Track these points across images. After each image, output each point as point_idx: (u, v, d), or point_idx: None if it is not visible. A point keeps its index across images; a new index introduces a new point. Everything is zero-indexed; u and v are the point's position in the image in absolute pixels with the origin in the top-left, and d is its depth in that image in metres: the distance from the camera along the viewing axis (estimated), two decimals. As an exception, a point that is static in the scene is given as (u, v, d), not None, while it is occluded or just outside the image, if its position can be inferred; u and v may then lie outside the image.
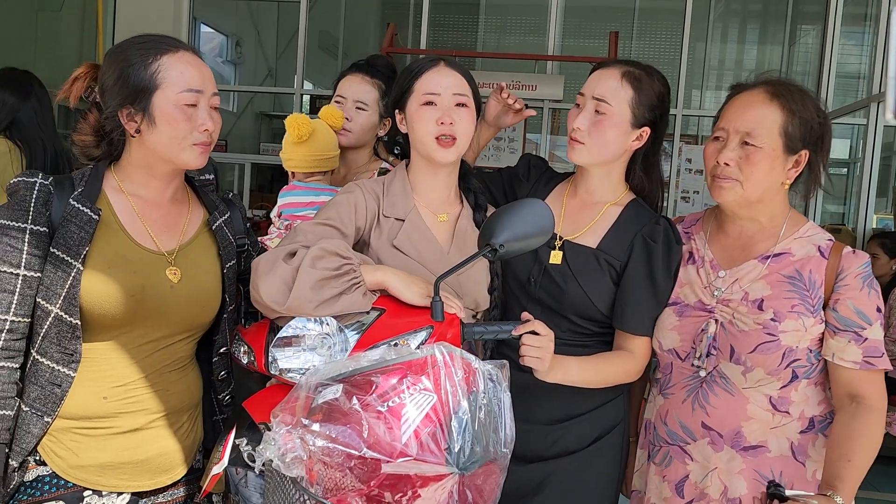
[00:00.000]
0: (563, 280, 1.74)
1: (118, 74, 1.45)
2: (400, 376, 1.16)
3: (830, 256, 1.60)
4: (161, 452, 1.52)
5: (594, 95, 1.72)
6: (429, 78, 1.65)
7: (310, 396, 1.16)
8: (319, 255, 1.44)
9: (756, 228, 1.68)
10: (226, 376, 1.66)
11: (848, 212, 8.64)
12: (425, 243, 1.65)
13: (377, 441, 1.09)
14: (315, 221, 1.62)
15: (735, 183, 1.60)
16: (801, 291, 1.58)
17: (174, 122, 1.45)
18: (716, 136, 1.64)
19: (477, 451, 1.15)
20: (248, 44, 9.28)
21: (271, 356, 1.46)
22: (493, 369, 1.25)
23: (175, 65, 1.46)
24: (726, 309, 1.63)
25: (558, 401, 1.74)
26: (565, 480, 1.75)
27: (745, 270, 1.65)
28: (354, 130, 2.21)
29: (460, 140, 1.64)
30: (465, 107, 1.65)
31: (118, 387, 1.47)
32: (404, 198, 1.69)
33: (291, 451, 1.10)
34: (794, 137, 1.58)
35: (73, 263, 1.40)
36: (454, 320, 1.49)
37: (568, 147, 1.76)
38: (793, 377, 1.59)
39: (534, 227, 1.50)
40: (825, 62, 6.15)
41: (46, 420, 1.43)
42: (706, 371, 1.64)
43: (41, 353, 1.43)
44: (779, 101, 1.59)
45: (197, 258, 1.57)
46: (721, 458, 1.62)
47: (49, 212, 1.41)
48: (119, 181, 1.53)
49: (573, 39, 7.99)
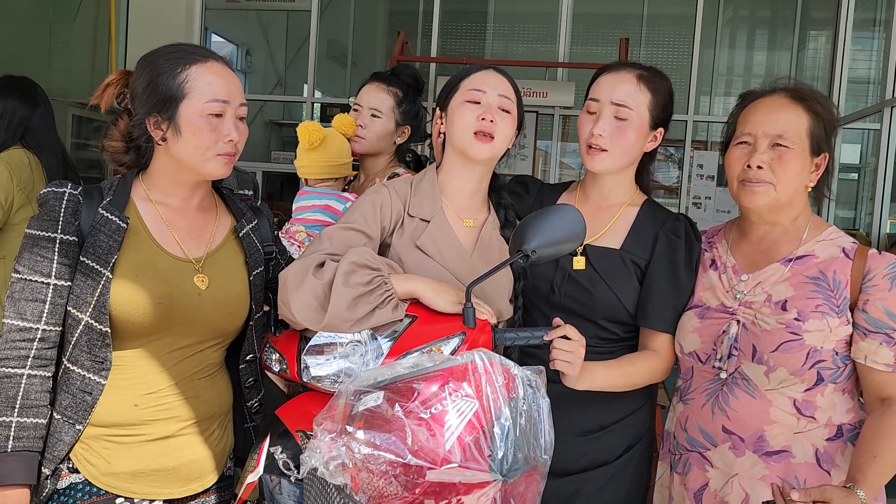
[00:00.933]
0: (591, 284, 1.73)
1: (147, 82, 1.46)
2: (441, 383, 1.15)
3: (855, 258, 1.59)
4: (192, 459, 1.52)
5: (613, 101, 1.71)
6: (477, 77, 1.66)
7: (350, 403, 1.16)
8: (350, 271, 1.44)
9: (779, 232, 1.67)
10: (254, 383, 1.66)
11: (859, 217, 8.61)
12: (449, 246, 1.65)
13: (421, 448, 1.09)
14: (340, 226, 1.62)
15: (768, 186, 1.60)
16: (825, 291, 1.57)
17: (199, 133, 1.46)
18: (741, 142, 1.64)
19: (519, 457, 1.14)
20: (259, 53, 9.31)
21: (303, 364, 1.46)
22: (531, 375, 1.24)
23: (203, 75, 1.47)
24: (748, 310, 1.62)
25: (590, 411, 1.73)
26: (595, 494, 1.73)
27: (768, 273, 1.64)
28: (368, 137, 2.26)
29: (498, 140, 1.63)
30: (508, 113, 1.65)
31: (149, 394, 1.47)
32: (432, 199, 1.68)
33: (335, 459, 1.10)
34: (820, 139, 1.61)
35: (102, 272, 1.41)
36: (486, 326, 1.48)
37: (586, 156, 1.74)
38: (818, 380, 1.56)
39: (565, 233, 1.50)
40: (836, 67, 6.14)
41: (78, 428, 1.43)
42: (727, 373, 1.62)
43: (72, 360, 1.43)
44: (803, 104, 1.61)
45: (224, 265, 1.57)
46: (743, 464, 1.59)
47: (78, 221, 1.43)
48: (147, 190, 1.54)
49: (583, 46, 7.99)
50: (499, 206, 1.77)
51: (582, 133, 1.75)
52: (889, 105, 4.91)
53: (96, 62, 6.51)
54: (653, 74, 1.76)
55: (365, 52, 9.47)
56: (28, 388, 1.39)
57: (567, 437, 1.70)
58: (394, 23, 9.69)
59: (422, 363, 1.21)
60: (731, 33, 9.26)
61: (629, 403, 1.76)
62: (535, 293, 1.77)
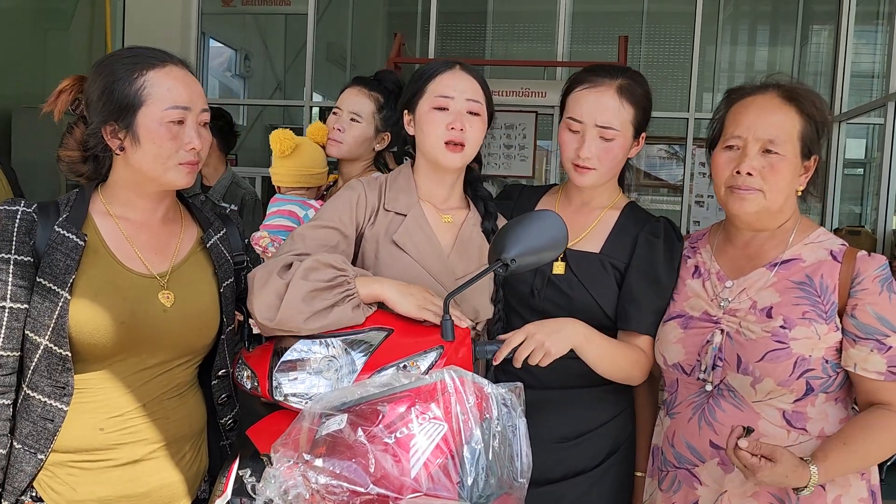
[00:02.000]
0: (570, 288, 1.70)
1: (103, 88, 1.40)
2: (408, 404, 1.10)
3: (844, 261, 1.52)
4: (163, 484, 1.47)
5: (598, 124, 1.66)
6: (443, 81, 1.61)
7: (313, 428, 1.10)
8: (313, 267, 1.41)
9: (765, 237, 1.61)
10: (227, 399, 1.60)
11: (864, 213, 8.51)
12: (426, 241, 1.60)
13: (384, 476, 1.03)
14: (313, 224, 1.59)
15: (758, 193, 1.53)
16: (811, 297, 1.50)
17: (159, 141, 1.40)
18: (729, 146, 1.57)
19: (491, 482, 1.08)
20: (257, 57, 9.29)
21: (275, 381, 1.41)
22: (506, 393, 1.18)
23: (162, 81, 1.41)
24: (733, 319, 1.55)
25: (569, 418, 1.70)
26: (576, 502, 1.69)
27: (753, 279, 1.57)
28: (346, 142, 2.21)
29: (468, 147, 1.60)
30: (477, 115, 1.61)
31: (115, 417, 1.42)
32: (407, 193, 1.65)
33: (293, 489, 1.04)
34: (812, 142, 1.54)
35: (60, 293, 1.35)
36: (465, 339, 1.43)
37: (573, 173, 1.70)
38: (808, 390, 1.49)
39: (547, 240, 1.45)
40: (839, 62, 6.06)
41: (40, 457, 1.37)
42: (712, 384, 1.55)
43: (32, 387, 1.38)
44: (796, 105, 1.54)
45: (191, 279, 1.51)
46: (732, 480, 1.51)
47: (33, 240, 1.37)
48: (106, 203, 1.47)
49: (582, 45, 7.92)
50: (476, 199, 1.72)
51: (565, 152, 1.70)
52: (893, 99, 4.83)
53: (92, 70, 6.48)
54: (632, 83, 1.70)
55: (364, 55, 9.42)
56: None
57: (544, 445, 1.65)
58: (392, 24, 9.65)
59: (392, 383, 1.15)
60: (733, 29, 9.18)
61: (608, 410, 1.73)
62: (516, 297, 1.73)
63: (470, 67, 1.64)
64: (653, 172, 7.75)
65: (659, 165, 7.69)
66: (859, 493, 1.51)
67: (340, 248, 1.58)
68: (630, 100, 1.68)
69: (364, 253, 1.62)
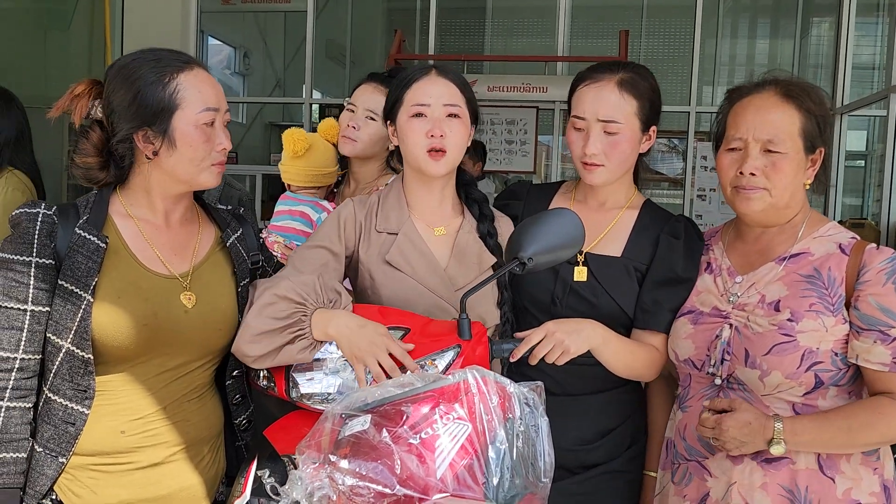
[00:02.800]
0: (594, 295, 1.67)
1: (133, 95, 1.38)
2: (432, 405, 1.09)
3: (852, 254, 1.52)
4: (183, 487, 1.46)
5: (600, 118, 1.65)
6: (419, 88, 1.59)
7: (335, 429, 1.09)
8: (269, 303, 1.39)
9: (775, 232, 1.61)
10: (241, 400, 1.60)
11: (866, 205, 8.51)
12: (419, 257, 1.59)
13: (410, 477, 1.02)
14: (306, 245, 1.62)
15: (763, 192, 1.54)
16: (819, 290, 1.50)
17: (195, 144, 1.41)
18: (731, 147, 1.58)
19: (517, 483, 1.08)
20: (256, 55, 9.27)
21: (292, 381, 1.41)
22: (528, 393, 1.18)
23: (193, 83, 1.41)
24: (741, 313, 1.56)
25: (587, 422, 1.69)
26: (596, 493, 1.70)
27: (762, 273, 1.58)
28: (362, 139, 2.14)
29: (451, 152, 1.58)
30: (457, 117, 1.59)
31: (136, 420, 1.41)
32: (398, 211, 1.63)
33: (319, 490, 1.04)
34: (814, 137, 1.55)
35: (83, 295, 1.34)
36: (482, 337, 1.42)
37: (583, 171, 1.69)
38: (817, 383, 1.49)
39: (563, 238, 1.44)
40: (840, 54, 6.05)
41: (61, 461, 1.37)
42: (721, 378, 1.56)
43: (53, 390, 1.37)
44: (794, 102, 1.54)
45: (211, 279, 1.51)
46: (741, 472, 1.52)
47: (54, 243, 1.36)
48: (126, 205, 1.46)
49: (582, 40, 7.91)
50: (470, 203, 1.70)
51: (574, 150, 1.69)
52: (895, 91, 4.82)
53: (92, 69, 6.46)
54: (634, 76, 1.68)
55: (363, 52, 9.40)
56: (7, 421, 1.33)
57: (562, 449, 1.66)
58: (392, 21, 9.63)
59: (413, 382, 1.14)
60: (733, 22, 9.16)
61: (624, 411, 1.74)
62: (536, 305, 1.71)
63: (447, 70, 1.62)
64: (654, 166, 7.74)
65: (660, 159, 7.68)
66: (871, 486, 1.50)
67: (331, 266, 1.59)
68: (632, 92, 1.66)
69: (361, 275, 1.62)
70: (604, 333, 1.57)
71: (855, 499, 1.49)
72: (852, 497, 1.49)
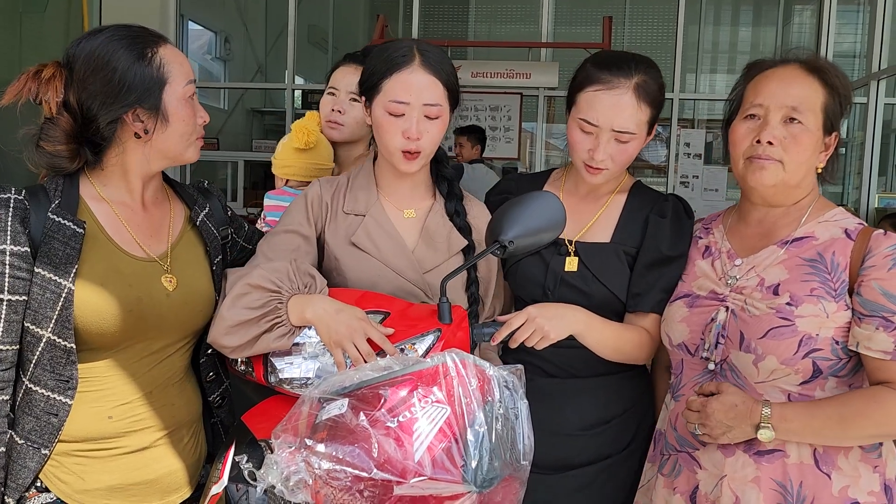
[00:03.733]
0: (585, 284, 1.64)
1: (119, 75, 1.32)
2: (410, 388, 1.07)
3: (857, 239, 1.44)
4: (170, 471, 1.45)
5: (615, 129, 1.57)
6: (399, 81, 1.49)
7: (313, 413, 1.08)
8: (242, 293, 1.37)
9: (779, 214, 1.54)
10: (214, 377, 1.57)
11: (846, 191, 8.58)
12: (386, 239, 1.55)
13: (388, 460, 1.01)
14: (275, 230, 1.58)
15: (777, 164, 1.47)
16: (821, 274, 1.43)
17: (185, 118, 1.39)
18: (750, 114, 1.50)
19: (495, 465, 1.07)
20: (237, 40, 9.17)
21: (270, 366, 1.38)
22: (508, 376, 1.17)
23: (173, 57, 1.39)
24: (739, 296, 1.50)
25: (593, 405, 1.67)
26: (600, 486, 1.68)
27: (763, 256, 1.51)
28: (348, 123, 2.09)
29: (425, 152, 1.53)
30: (437, 118, 1.52)
31: (123, 405, 1.38)
32: (367, 192, 1.60)
33: (295, 475, 1.02)
34: (835, 116, 1.48)
35: (63, 283, 1.30)
36: (463, 321, 1.41)
37: (584, 173, 1.64)
38: (815, 372, 1.42)
39: (545, 221, 1.42)
40: (822, 42, 6.09)
41: (44, 452, 1.33)
42: (715, 363, 1.51)
43: (34, 381, 1.33)
44: (819, 77, 1.48)
45: (188, 260, 1.48)
46: (732, 465, 1.45)
47: (28, 229, 1.30)
48: (98, 187, 1.42)
49: (566, 26, 7.90)
50: (441, 180, 1.65)
51: (578, 151, 1.62)
52: (875, 78, 4.86)
53: (70, 54, 6.35)
54: (648, 79, 1.58)
55: (346, 37, 9.33)
56: None
57: (569, 433, 1.66)
58: (375, 6, 9.56)
59: (391, 366, 1.13)
60: (716, 9, 9.18)
61: (630, 397, 1.71)
62: (528, 300, 1.66)
63: (430, 59, 1.50)
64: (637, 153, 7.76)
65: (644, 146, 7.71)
66: (870, 485, 1.42)
67: (302, 249, 1.55)
68: (647, 99, 1.58)
69: (327, 257, 1.59)
70: (586, 319, 1.55)
71: (852, 497, 1.41)
72: (849, 495, 1.41)
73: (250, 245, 1.67)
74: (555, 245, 1.66)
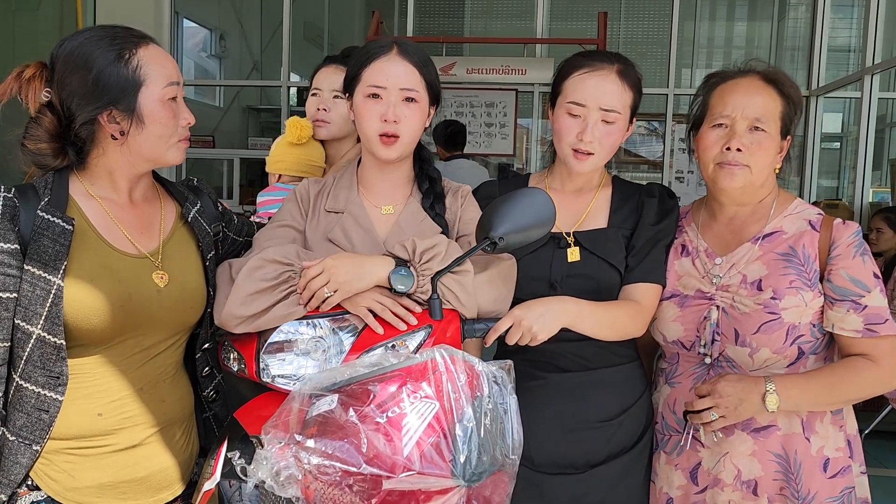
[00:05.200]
0: (592, 269, 1.68)
1: (94, 75, 1.33)
2: (399, 384, 1.08)
3: (822, 229, 1.62)
4: (161, 468, 1.46)
5: (602, 107, 1.65)
6: (377, 68, 1.54)
7: (303, 409, 1.09)
8: (258, 266, 1.41)
9: (747, 212, 1.70)
10: (209, 372, 1.59)
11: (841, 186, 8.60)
12: (361, 234, 1.57)
13: (377, 455, 1.02)
14: (271, 225, 1.62)
15: (745, 168, 1.62)
16: (796, 266, 1.60)
17: (163, 120, 1.38)
18: (718, 123, 1.64)
19: (484, 460, 1.08)
20: (233, 37, 9.15)
21: (262, 363, 1.39)
22: (497, 371, 1.18)
23: (153, 58, 1.38)
24: (726, 294, 1.64)
25: (609, 395, 1.71)
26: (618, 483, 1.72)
27: (741, 254, 1.66)
28: (334, 120, 2.17)
29: (404, 137, 1.55)
30: (414, 101, 1.55)
31: (113, 402, 1.39)
32: (348, 191, 1.63)
33: (285, 470, 1.03)
34: (789, 122, 1.65)
35: (53, 280, 1.31)
36: (454, 319, 1.42)
37: (572, 159, 1.68)
38: (799, 354, 1.59)
39: (534, 218, 1.44)
40: (816, 36, 6.09)
41: (35, 448, 1.34)
42: (711, 357, 1.64)
43: (24, 377, 1.34)
44: (776, 88, 1.64)
45: (179, 256, 1.49)
46: (732, 443, 1.61)
47: (17, 227, 1.31)
48: (87, 185, 1.43)
49: (561, 22, 7.89)
50: (423, 179, 1.67)
51: (565, 137, 1.68)
52: (869, 73, 4.86)
53: (64, 51, 6.33)
54: (628, 67, 1.70)
55: (341, 34, 9.32)
56: None
57: (591, 426, 1.69)
58: (370, 2, 9.54)
59: (381, 362, 1.14)
60: (711, 5, 9.18)
61: (643, 384, 1.77)
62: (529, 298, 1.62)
63: (408, 49, 1.56)
64: (632, 149, 7.77)
65: (639, 142, 7.71)
66: (837, 442, 1.61)
67: (298, 242, 1.59)
68: (629, 84, 1.68)
69: None
70: (575, 308, 1.55)
71: (825, 455, 1.59)
72: (824, 454, 1.60)
73: (241, 237, 1.69)
74: (553, 240, 1.71)
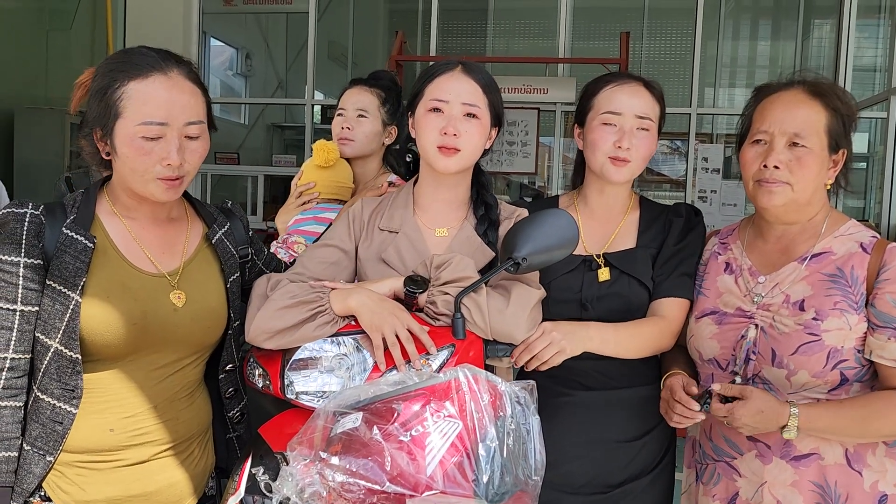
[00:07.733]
0: (623, 288, 1.69)
1: (95, 92, 1.38)
2: (423, 402, 1.09)
3: (873, 252, 1.53)
4: (171, 483, 1.47)
5: (638, 114, 1.69)
6: (440, 83, 1.57)
7: (328, 427, 1.10)
8: (288, 287, 1.45)
9: (797, 231, 1.62)
10: (234, 393, 1.60)
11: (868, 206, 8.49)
12: (415, 256, 1.57)
13: (400, 473, 1.03)
14: (319, 243, 1.65)
15: (785, 186, 1.55)
16: (843, 288, 1.51)
17: (132, 155, 1.36)
18: (757, 139, 1.59)
19: (507, 480, 1.08)
20: (258, 56, 9.28)
21: (287, 379, 1.41)
22: (520, 391, 1.18)
23: (140, 93, 1.35)
24: (766, 313, 1.57)
25: (633, 415, 1.71)
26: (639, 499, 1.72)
27: (786, 273, 1.59)
28: (357, 138, 2.25)
29: (464, 151, 1.55)
30: (475, 117, 1.56)
31: (126, 418, 1.41)
32: (403, 210, 1.64)
33: (310, 487, 1.04)
34: (838, 136, 1.56)
35: (71, 295, 1.34)
36: (476, 339, 1.42)
37: (610, 168, 1.70)
38: (842, 380, 1.51)
39: (557, 239, 1.44)
40: (841, 56, 6.04)
41: (49, 459, 1.37)
42: (744, 378, 1.57)
43: (42, 389, 1.37)
44: (821, 100, 1.56)
45: (200, 277, 1.51)
46: (771, 471, 1.54)
47: (42, 243, 1.35)
48: (112, 203, 1.46)
49: (583, 41, 7.92)
50: (479, 204, 1.67)
51: (603, 146, 1.69)
52: (895, 93, 4.82)
53: (94, 70, 6.46)
54: (651, 82, 1.76)
55: (365, 53, 9.41)
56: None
57: (615, 445, 1.70)
58: (394, 22, 9.63)
59: (405, 381, 1.15)
60: (734, 24, 9.16)
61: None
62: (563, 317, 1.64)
63: (473, 68, 1.59)
64: (655, 168, 7.75)
65: (661, 161, 7.69)
66: (895, 477, 1.52)
67: (342, 264, 1.61)
68: (655, 96, 1.73)
69: (359, 273, 1.64)
70: (598, 334, 1.57)
71: (881, 490, 1.51)
72: (879, 489, 1.51)
73: (268, 270, 1.69)
74: (584, 263, 1.72)
